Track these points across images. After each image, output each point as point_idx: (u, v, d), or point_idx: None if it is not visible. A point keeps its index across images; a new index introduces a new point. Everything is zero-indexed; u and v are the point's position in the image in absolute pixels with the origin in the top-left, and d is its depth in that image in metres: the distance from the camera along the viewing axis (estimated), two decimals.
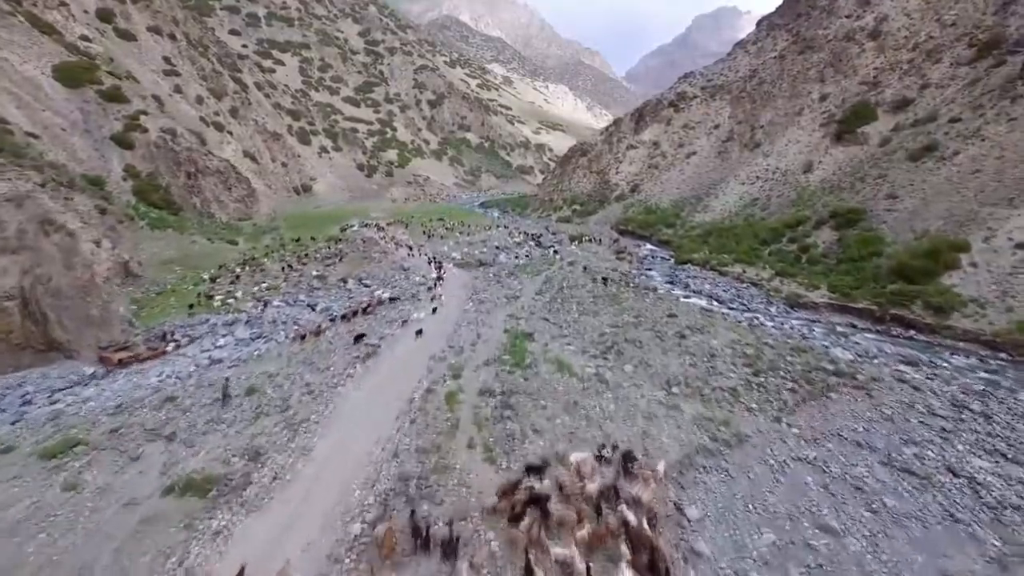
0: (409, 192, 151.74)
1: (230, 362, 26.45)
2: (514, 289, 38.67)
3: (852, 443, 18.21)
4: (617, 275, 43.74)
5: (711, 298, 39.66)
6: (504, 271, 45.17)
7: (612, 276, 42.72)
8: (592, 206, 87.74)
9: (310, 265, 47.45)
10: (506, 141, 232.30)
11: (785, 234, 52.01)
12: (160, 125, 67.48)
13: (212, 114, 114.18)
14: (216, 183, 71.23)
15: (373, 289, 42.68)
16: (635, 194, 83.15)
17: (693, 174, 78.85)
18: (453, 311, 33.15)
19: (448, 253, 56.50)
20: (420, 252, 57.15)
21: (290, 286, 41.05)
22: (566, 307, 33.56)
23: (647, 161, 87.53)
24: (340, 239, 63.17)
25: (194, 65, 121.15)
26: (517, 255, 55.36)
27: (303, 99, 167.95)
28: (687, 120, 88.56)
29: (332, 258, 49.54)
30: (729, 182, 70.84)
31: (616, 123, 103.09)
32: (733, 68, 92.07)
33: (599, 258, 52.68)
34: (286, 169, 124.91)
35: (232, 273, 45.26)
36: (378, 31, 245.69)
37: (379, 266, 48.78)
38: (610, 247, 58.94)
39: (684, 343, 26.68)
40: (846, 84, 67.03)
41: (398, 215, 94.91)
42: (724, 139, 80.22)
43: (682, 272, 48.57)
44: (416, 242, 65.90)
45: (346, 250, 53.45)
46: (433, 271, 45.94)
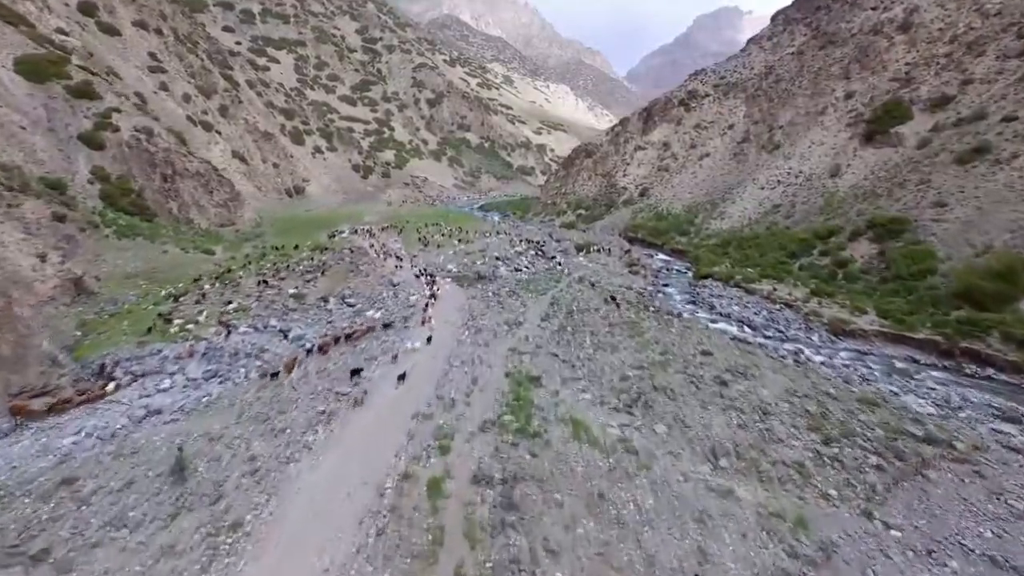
0: (406, 194, 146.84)
1: (170, 414, 21.54)
2: (516, 312, 33.75)
3: (984, 559, 13.31)
4: (633, 294, 38.82)
5: (742, 323, 34.74)
6: (505, 288, 40.25)
7: (627, 296, 37.81)
8: (598, 210, 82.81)
9: (288, 280, 42.51)
10: (507, 141, 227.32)
11: (815, 246, 47.12)
12: (134, 124, 62.56)
13: (200, 113, 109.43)
14: (196, 186, 66.30)
15: (357, 309, 37.76)
16: (644, 198, 78.22)
17: (707, 177, 73.90)
18: (446, 341, 28.24)
19: (443, 265, 51.60)
20: (413, 263, 52.26)
21: (262, 307, 36.12)
22: (578, 338, 28.64)
23: (656, 163, 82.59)
24: (327, 248, 58.25)
25: (182, 62, 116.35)
26: (519, 267, 50.46)
27: (297, 98, 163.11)
28: (699, 120, 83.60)
29: (314, 272, 44.59)
30: (747, 186, 65.94)
31: (623, 123, 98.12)
32: (747, 65, 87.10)
33: (610, 272, 47.76)
34: (277, 170, 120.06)
35: (200, 290, 40.33)
36: (376, 28, 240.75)
37: (366, 281, 43.84)
38: (621, 258, 54.01)
39: (726, 392, 21.76)
40: (874, 81, 62.08)
41: (392, 219, 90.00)
42: (740, 140, 75.28)
43: (703, 289, 43.62)
44: (410, 251, 61.00)
45: (330, 262, 48.50)
46: (426, 287, 41.07)
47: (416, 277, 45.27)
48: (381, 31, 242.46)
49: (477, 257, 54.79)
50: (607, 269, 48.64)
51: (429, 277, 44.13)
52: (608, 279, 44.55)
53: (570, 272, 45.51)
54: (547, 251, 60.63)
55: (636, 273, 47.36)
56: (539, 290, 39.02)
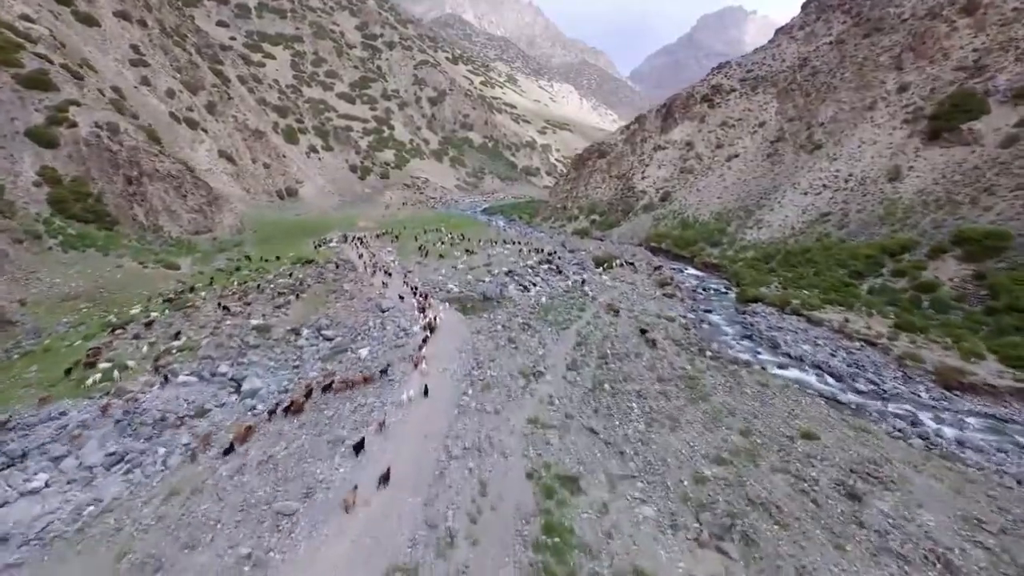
0: (406, 196, 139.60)
1: (18, 547, 14.25)
2: (533, 355, 26.40)
3: None
4: (676, 327, 31.38)
5: (820, 370, 27.28)
6: (517, 318, 32.88)
7: (670, 330, 30.40)
8: (614, 216, 75.36)
9: (256, 305, 35.25)
10: (511, 141, 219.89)
11: (884, 264, 39.61)
12: (96, 119, 55.46)
13: (184, 109, 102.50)
14: (167, 189, 59.15)
15: (336, 345, 30.46)
16: (666, 203, 70.73)
17: (737, 180, 66.39)
18: (441, 404, 20.93)
19: (443, 283, 44.28)
20: (408, 280, 44.98)
21: (215, 344, 28.85)
22: (620, 402, 21.26)
23: (679, 164, 75.10)
24: (310, 260, 51.08)
25: (167, 55, 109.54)
26: (531, 285, 43.13)
27: (293, 95, 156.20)
28: (725, 117, 76.08)
29: (288, 293, 37.30)
30: (785, 191, 58.43)
31: (639, 120, 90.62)
32: (777, 57, 79.55)
33: (640, 294, 40.32)
34: (268, 171, 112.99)
35: (147, 318, 33.11)
36: (376, 25, 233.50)
37: (349, 306, 36.54)
38: (650, 276, 46.57)
39: (865, 516, 14.32)
40: (934, 71, 54.49)
41: (389, 225, 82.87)
42: (773, 139, 67.75)
43: (755, 317, 36.13)
44: (406, 263, 53.73)
45: (310, 280, 41.27)
46: (421, 314, 33.75)
47: (409, 294, 37.93)
48: (381, 27, 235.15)
49: (482, 273, 47.46)
50: (636, 290, 41.20)
51: (424, 299, 36.85)
52: (640, 304, 37.13)
53: (594, 295, 38.08)
54: (561, 264, 53.27)
55: (672, 296, 39.88)
56: (559, 321, 31.63)
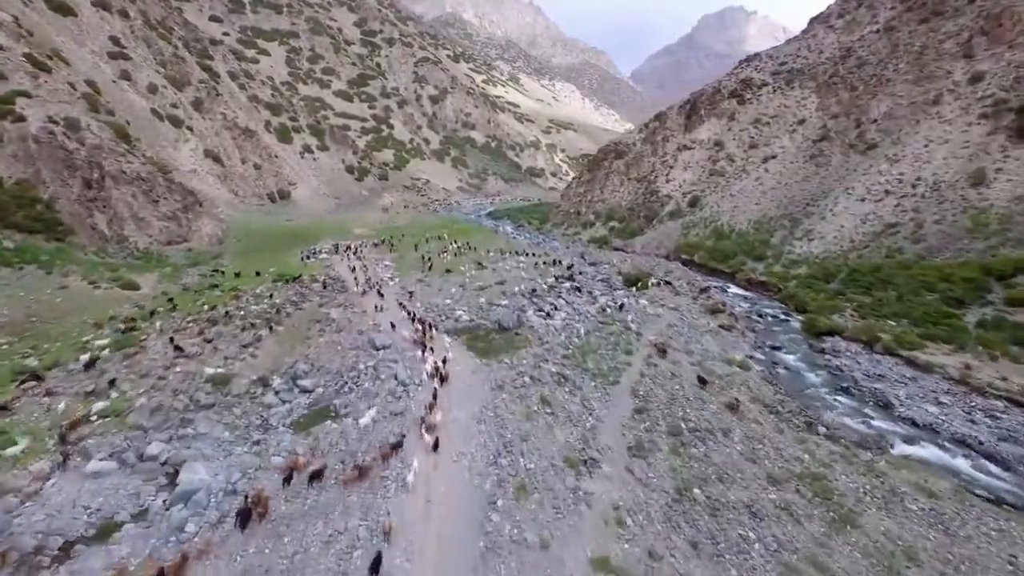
0: (406, 198, 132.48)
1: None
2: (580, 427, 19.23)
3: None
4: (756, 378, 24.16)
5: (967, 448, 20.09)
6: (547, 362, 25.69)
7: (749, 383, 23.23)
8: (636, 224, 68.16)
9: (219, 341, 28.11)
10: (514, 141, 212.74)
11: (991, 288, 32.44)
12: (51, 113, 48.39)
13: (168, 106, 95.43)
14: (135, 194, 52.03)
15: (314, 402, 23.30)
16: (696, 209, 63.56)
17: (777, 184, 59.24)
18: (457, 529, 13.80)
19: (451, 308, 37.06)
20: (408, 303, 37.81)
21: (151, 407, 21.67)
22: (727, 527, 14.05)
23: (708, 166, 67.97)
24: (296, 276, 43.92)
25: (150, 48, 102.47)
26: (553, 310, 36.00)
27: (287, 92, 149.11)
28: (758, 114, 68.99)
29: (261, 325, 30.14)
30: (838, 197, 51.30)
31: (659, 118, 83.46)
32: (814, 48, 72.46)
33: (690, 324, 33.13)
34: (259, 172, 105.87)
35: (76, 360, 25.93)
36: (376, 21, 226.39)
37: (335, 343, 29.35)
38: (696, 299, 39.32)
39: None
40: (1016, 56, 47.43)
41: (387, 231, 75.77)
42: (816, 138, 60.62)
43: (842, 358, 28.93)
44: (406, 279, 46.57)
45: (289, 306, 34.07)
46: (423, 355, 26.62)
47: (406, 322, 30.74)
48: (381, 24, 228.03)
49: (495, 293, 40.24)
50: (684, 320, 33.99)
51: (425, 332, 29.72)
52: (696, 340, 29.95)
53: (637, 327, 30.89)
54: (584, 282, 46.13)
55: (731, 329, 32.68)
56: (604, 371, 24.44)
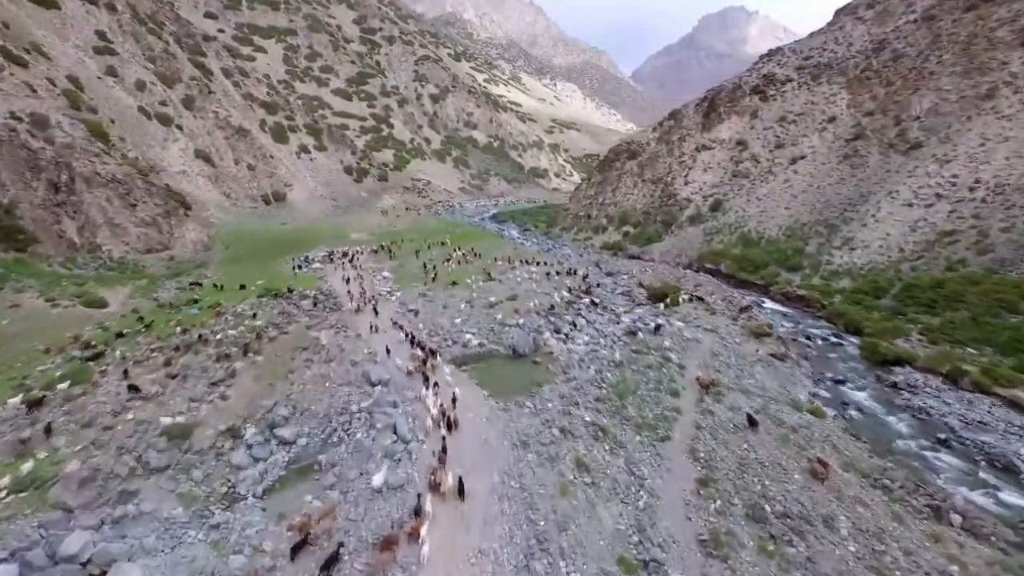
0: (406, 199, 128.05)
1: None
2: (632, 505, 14.74)
3: None
4: (836, 429, 19.63)
5: None
6: (578, 407, 21.17)
7: (836, 441, 18.71)
8: (653, 229, 63.60)
9: (185, 378, 23.65)
10: (517, 140, 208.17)
11: None
12: (13, 108, 43.98)
13: (157, 103, 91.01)
14: (110, 198, 47.59)
15: (295, 458, 18.82)
16: (718, 214, 59.02)
17: (808, 187, 54.70)
18: None
19: (458, 330, 32.53)
20: (408, 324, 33.30)
21: (82, 475, 17.15)
22: None
23: (730, 167, 63.44)
24: (289, 290, 39.38)
25: (139, 43, 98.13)
26: (575, 332, 31.54)
27: (285, 90, 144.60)
28: (783, 111, 64.47)
29: (235, 355, 25.64)
30: (880, 202, 46.77)
31: (674, 115, 78.89)
32: (842, 41, 67.92)
33: (736, 352, 28.57)
34: (253, 173, 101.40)
35: (2, 406, 21.43)
36: (375, 19, 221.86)
37: (324, 375, 24.86)
38: (734, 318, 34.72)
39: None
40: None
41: (386, 236, 71.26)
42: (849, 137, 56.10)
43: (922, 397, 24.40)
44: (407, 292, 42.04)
45: (273, 329, 29.54)
46: (426, 393, 22.18)
47: (403, 346, 26.22)
48: (381, 21, 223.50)
49: (506, 310, 35.73)
50: (727, 345, 29.44)
51: (425, 359, 25.28)
52: (747, 373, 25.43)
53: (678, 356, 26.35)
54: (604, 297, 41.62)
55: (783, 358, 28.06)
56: (647, 420, 19.91)
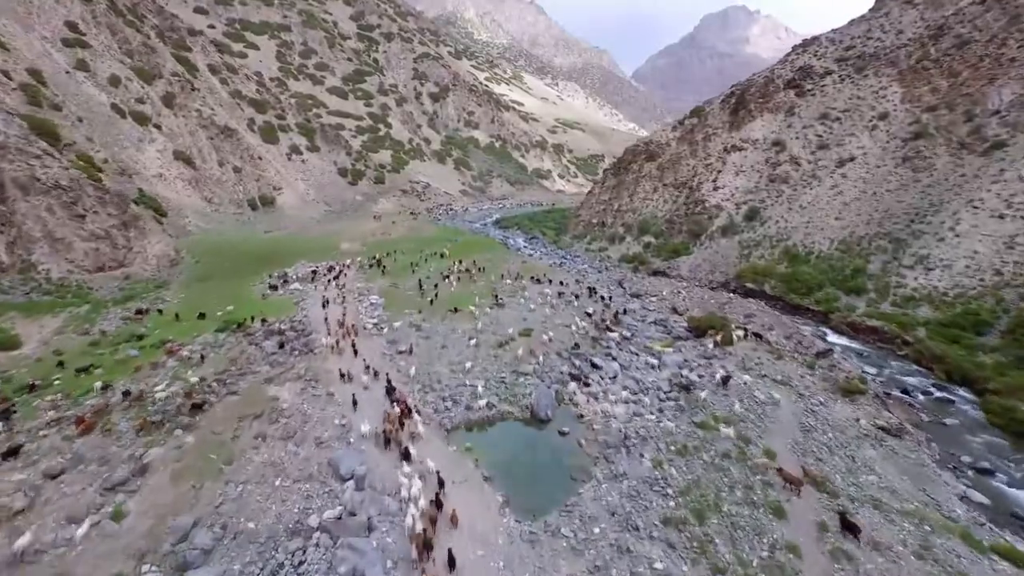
0: (403, 203, 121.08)
1: None
2: None
3: None
4: None
5: None
6: (635, 529, 14.15)
7: None
8: (678, 239, 56.40)
9: (73, 473, 16.68)
10: (520, 141, 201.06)
11: None
12: None
13: (133, 100, 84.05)
14: (52, 207, 40.66)
15: None
16: (755, 224, 51.85)
17: (861, 194, 47.54)
18: None
19: (461, 380, 25.36)
20: (393, 367, 26.17)
21: None
22: None
23: (766, 171, 56.28)
24: (245, 327, 32.29)
25: (115, 36, 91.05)
26: (607, 382, 24.50)
27: (277, 88, 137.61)
28: (824, 108, 57.34)
29: (161, 426, 18.64)
30: (958, 213, 39.61)
31: (696, 113, 71.71)
32: (888, 28, 60.75)
33: (829, 422, 21.42)
34: (239, 176, 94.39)
35: None
36: (373, 15, 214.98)
37: (276, 463, 17.84)
38: (811, 365, 27.50)
39: None
40: None
41: (379, 247, 64.15)
42: (907, 136, 48.96)
43: None
44: (398, 319, 34.87)
45: (217, 386, 22.46)
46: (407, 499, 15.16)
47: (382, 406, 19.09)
48: (379, 18, 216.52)
49: (521, 350, 28.58)
50: (808, 407, 22.32)
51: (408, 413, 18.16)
52: (855, 458, 18.34)
53: (758, 432, 19.26)
54: (635, 326, 34.53)
55: (900, 434, 20.95)
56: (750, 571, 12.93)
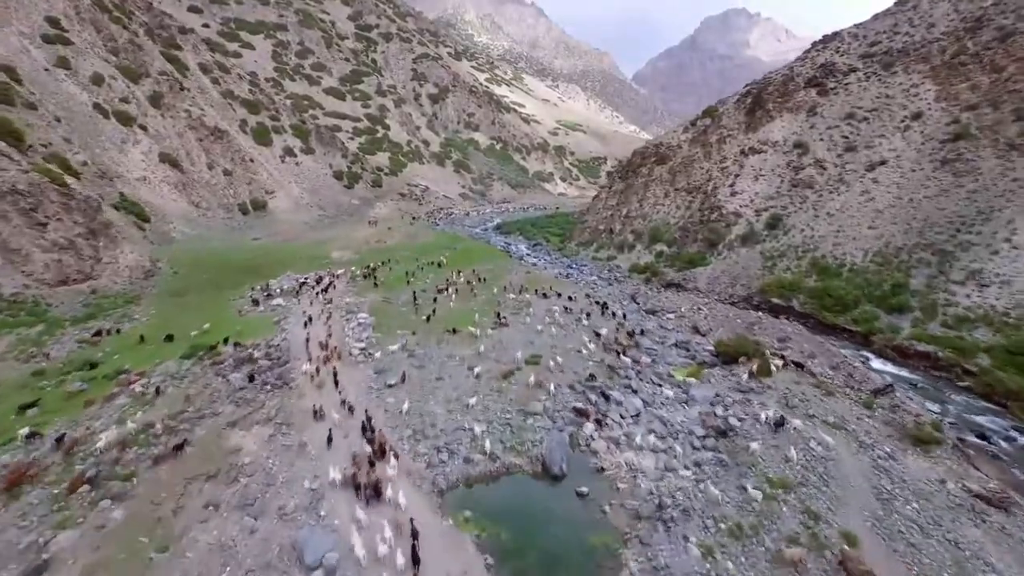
0: (401, 207, 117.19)
1: None
2: None
3: None
4: None
5: None
6: None
7: None
8: (693, 248, 52.45)
9: None
10: (521, 143, 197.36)
11: None
12: None
13: (117, 100, 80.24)
14: (7, 214, 36.67)
15: None
16: (777, 233, 47.92)
17: (897, 201, 43.62)
18: None
19: (458, 420, 21.38)
20: (377, 403, 22.21)
21: None
22: None
23: (788, 175, 52.39)
24: (215, 353, 28.37)
25: (100, 33, 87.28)
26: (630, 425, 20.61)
27: (272, 88, 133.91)
28: (849, 107, 53.50)
29: (85, 499, 14.78)
30: (1013, 222, 35.67)
31: (709, 114, 67.83)
32: (918, 22, 56.94)
33: (909, 486, 17.45)
34: (229, 179, 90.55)
35: None
36: (372, 15, 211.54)
37: (227, 546, 13.97)
38: (867, 404, 23.54)
39: None
40: None
41: (373, 255, 60.22)
42: (946, 137, 45.09)
43: None
44: (387, 342, 30.90)
45: (168, 436, 18.57)
46: None
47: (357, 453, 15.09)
48: (377, 18, 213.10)
49: (528, 383, 24.67)
50: (876, 463, 18.38)
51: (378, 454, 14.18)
52: (960, 540, 14.39)
53: (827, 501, 15.29)
54: (654, 349, 30.62)
55: (1002, 505, 17.04)
56: None
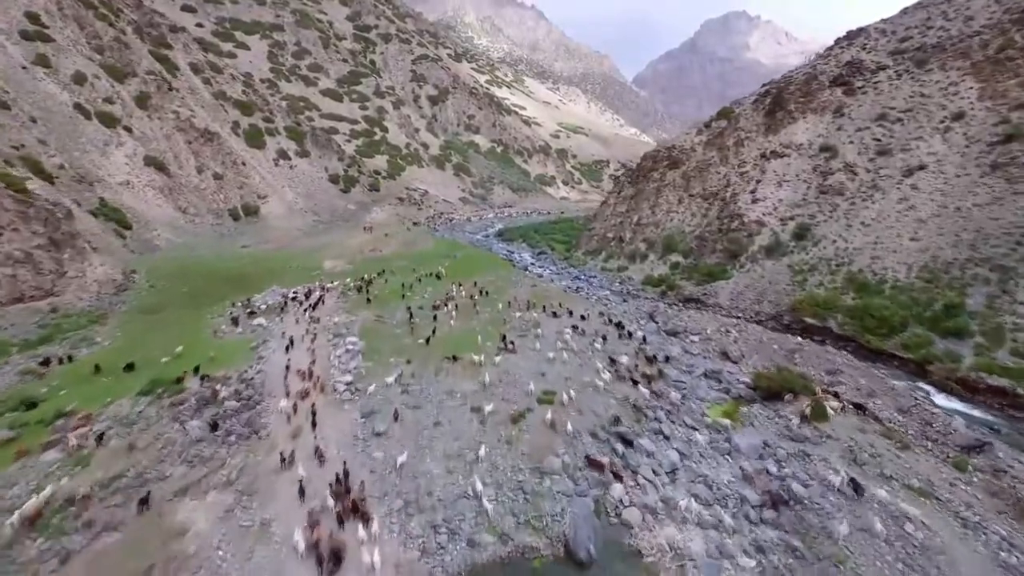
0: (400, 212, 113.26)
1: None
2: None
3: None
4: None
5: None
6: None
7: None
8: (712, 260, 48.43)
9: None
10: (522, 146, 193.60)
11: None
12: None
13: (100, 100, 76.39)
14: None
15: None
16: (806, 243, 43.88)
17: (941, 209, 39.62)
18: None
19: (460, 483, 17.29)
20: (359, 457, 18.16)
21: None
22: None
23: (815, 180, 48.39)
24: (178, 389, 24.36)
25: (83, 30, 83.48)
26: (666, 488, 16.60)
27: (267, 89, 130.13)
28: (881, 107, 49.56)
29: None
30: None
31: (724, 115, 63.89)
32: (954, 15, 53.07)
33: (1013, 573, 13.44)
34: (220, 183, 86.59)
35: None
36: (370, 16, 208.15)
37: None
38: (957, 464, 19.52)
39: None
40: None
41: (368, 264, 56.23)
42: (995, 139, 41.13)
43: None
44: (378, 371, 26.83)
45: (86, 518, 14.56)
46: None
47: None
48: (376, 19, 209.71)
49: (540, 428, 20.71)
50: (997, 555, 14.43)
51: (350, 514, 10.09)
52: None
53: None
54: (682, 381, 26.62)
55: None
56: None
